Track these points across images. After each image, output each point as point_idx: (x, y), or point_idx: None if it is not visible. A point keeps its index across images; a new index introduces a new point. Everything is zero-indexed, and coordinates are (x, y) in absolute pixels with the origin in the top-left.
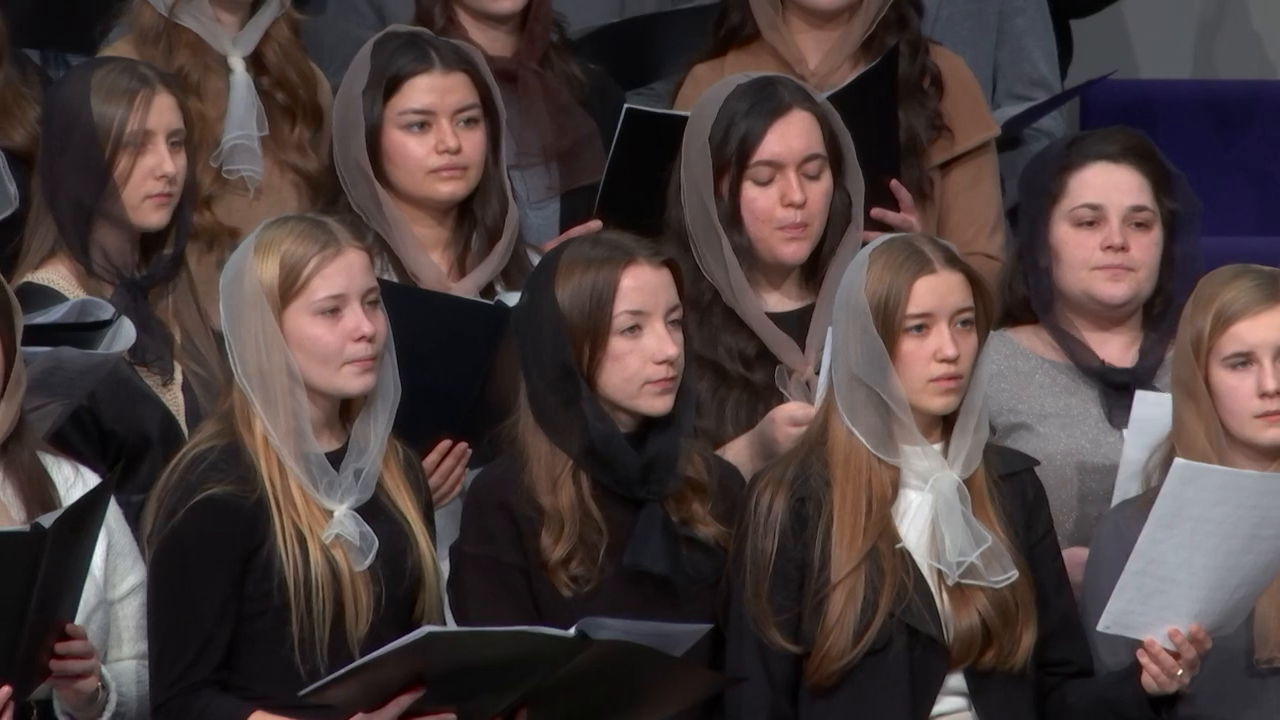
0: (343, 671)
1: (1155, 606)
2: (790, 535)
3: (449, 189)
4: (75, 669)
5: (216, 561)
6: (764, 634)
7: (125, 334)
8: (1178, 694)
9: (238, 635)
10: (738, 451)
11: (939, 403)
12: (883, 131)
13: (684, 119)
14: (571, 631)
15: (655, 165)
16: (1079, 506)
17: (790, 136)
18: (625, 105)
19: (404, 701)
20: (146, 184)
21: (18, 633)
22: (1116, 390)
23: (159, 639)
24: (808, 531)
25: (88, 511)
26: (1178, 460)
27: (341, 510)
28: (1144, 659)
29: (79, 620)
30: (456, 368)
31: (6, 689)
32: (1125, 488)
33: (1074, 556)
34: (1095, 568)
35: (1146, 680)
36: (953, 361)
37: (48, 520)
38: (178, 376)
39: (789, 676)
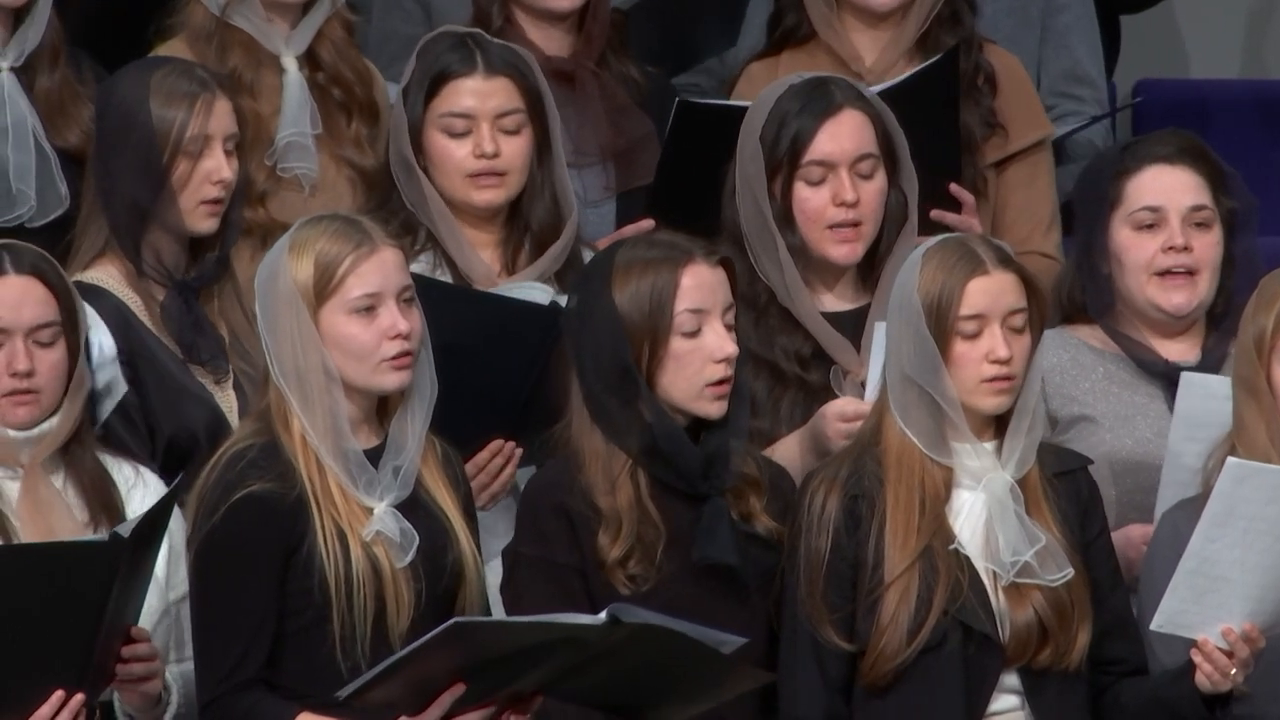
0: (377, 671)
1: (1208, 605)
2: (844, 533)
3: (485, 197)
4: (140, 672)
5: (258, 559)
6: (819, 632)
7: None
8: (1231, 693)
9: (279, 633)
10: (789, 449)
11: (991, 403)
12: (943, 132)
13: (737, 109)
14: (602, 617)
15: (708, 159)
16: (1141, 500)
17: (842, 136)
18: (678, 98)
19: (445, 701)
20: (203, 189)
21: (93, 640)
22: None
23: (204, 638)
24: (861, 530)
25: (158, 520)
26: (1230, 460)
27: (381, 507)
28: (1197, 658)
29: (146, 624)
30: (507, 368)
31: (80, 696)
32: (1172, 475)
33: (1125, 536)
34: (1152, 567)
35: (1200, 679)
36: (1005, 363)
37: (126, 529)
38: (231, 375)
39: (844, 675)
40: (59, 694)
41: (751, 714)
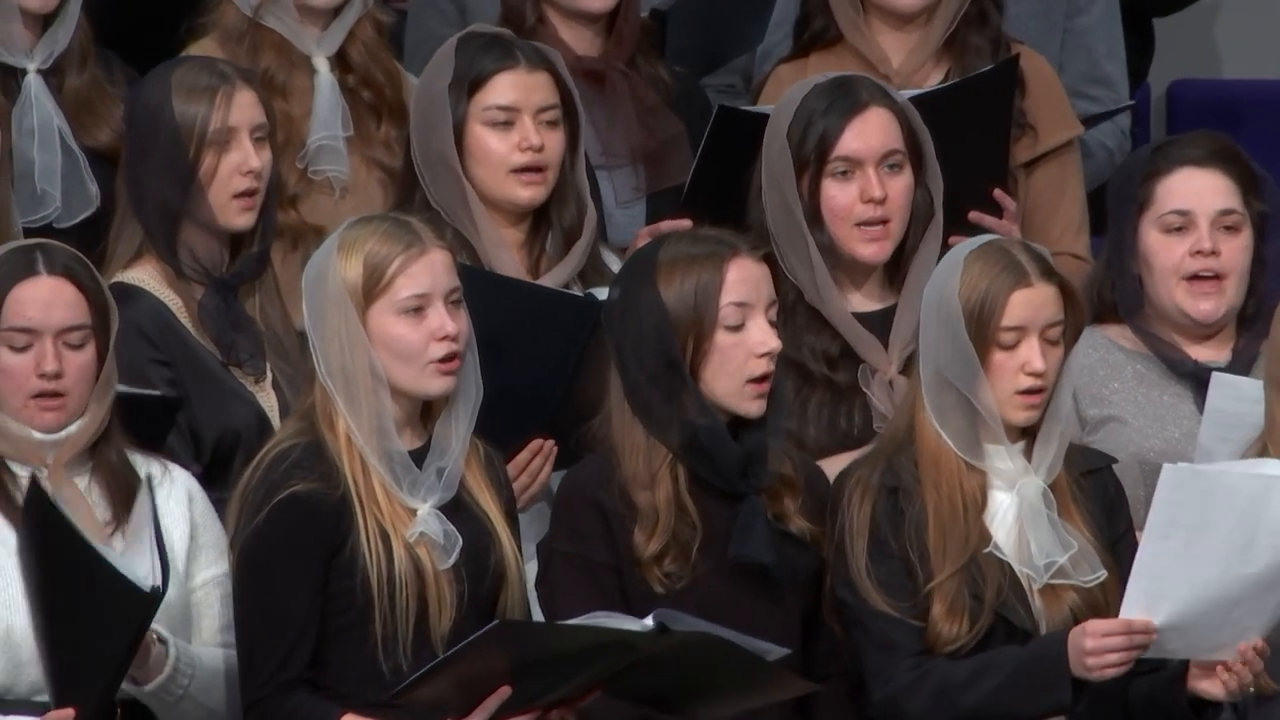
0: (424, 671)
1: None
2: (885, 528)
3: (529, 194)
4: None
5: (302, 559)
6: (877, 605)
7: None
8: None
9: (322, 633)
10: (837, 468)
11: (1021, 417)
12: (993, 136)
13: None
14: (649, 623)
15: (742, 165)
16: None
17: (868, 133)
18: (718, 104)
19: (491, 705)
20: (233, 181)
21: (117, 684)
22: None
23: (248, 639)
24: (905, 526)
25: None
26: (1166, 466)
27: (425, 509)
28: (1224, 676)
29: (160, 614)
30: (546, 359)
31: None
32: None
33: None
34: None
35: (1217, 689)
36: (1040, 375)
37: (160, 580)
38: (269, 374)
39: (922, 645)
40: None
41: (787, 713)
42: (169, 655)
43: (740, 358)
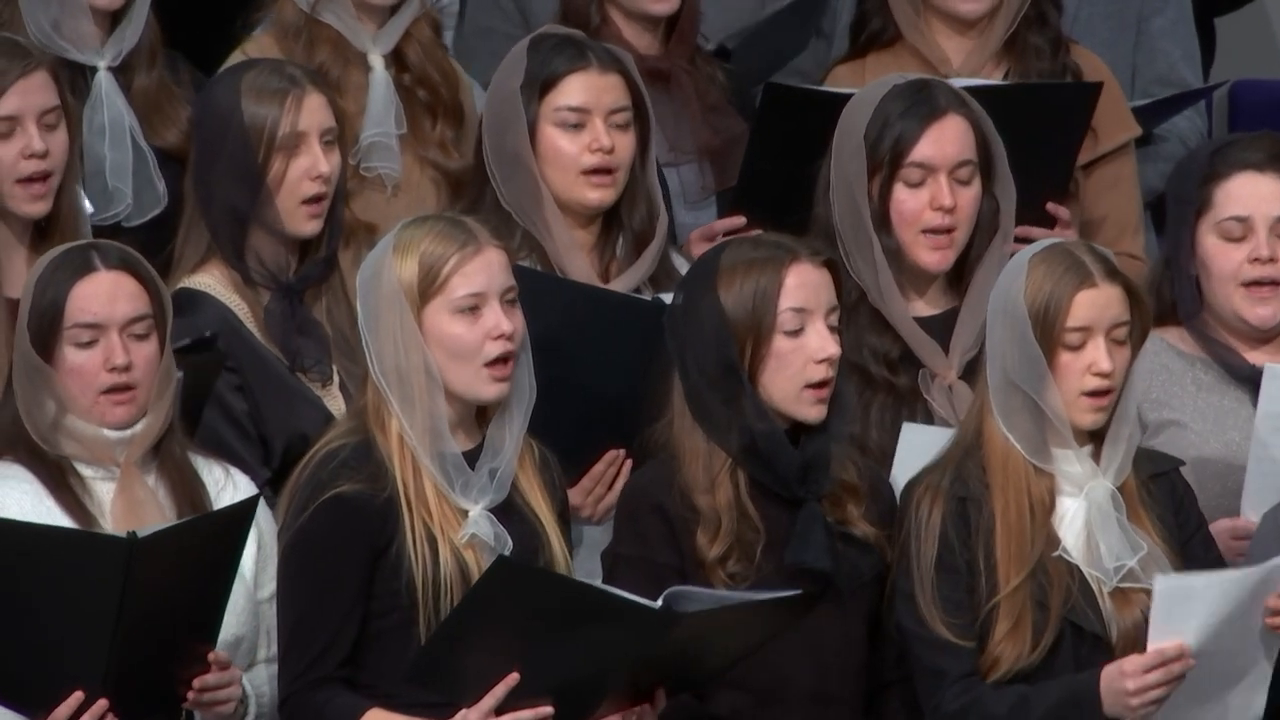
0: (439, 629)
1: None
2: (954, 536)
3: (598, 195)
4: (206, 700)
5: (345, 559)
6: (936, 632)
7: None
8: None
9: (365, 633)
10: None
11: (1089, 419)
12: (1057, 156)
13: (824, 96)
14: (658, 604)
15: (795, 147)
16: (1229, 504)
17: (944, 141)
18: (766, 81)
19: (500, 692)
20: (303, 185)
21: (112, 642)
22: None
23: (286, 634)
24: (972, 536)
25: (213, 536)
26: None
27: (476, 510)
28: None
29: (232, 623)
30: (616, 366)
31: (103, 702)
32: (1259, 468)
33: (1214, 530)
34: (1254, 564)
35: None
36: (1106, 375)
37: (146, 531)
38: (336, 378)
39: (970, 667)
40: (77, 695)
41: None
42: (249, 710)
43: (799, 363)
